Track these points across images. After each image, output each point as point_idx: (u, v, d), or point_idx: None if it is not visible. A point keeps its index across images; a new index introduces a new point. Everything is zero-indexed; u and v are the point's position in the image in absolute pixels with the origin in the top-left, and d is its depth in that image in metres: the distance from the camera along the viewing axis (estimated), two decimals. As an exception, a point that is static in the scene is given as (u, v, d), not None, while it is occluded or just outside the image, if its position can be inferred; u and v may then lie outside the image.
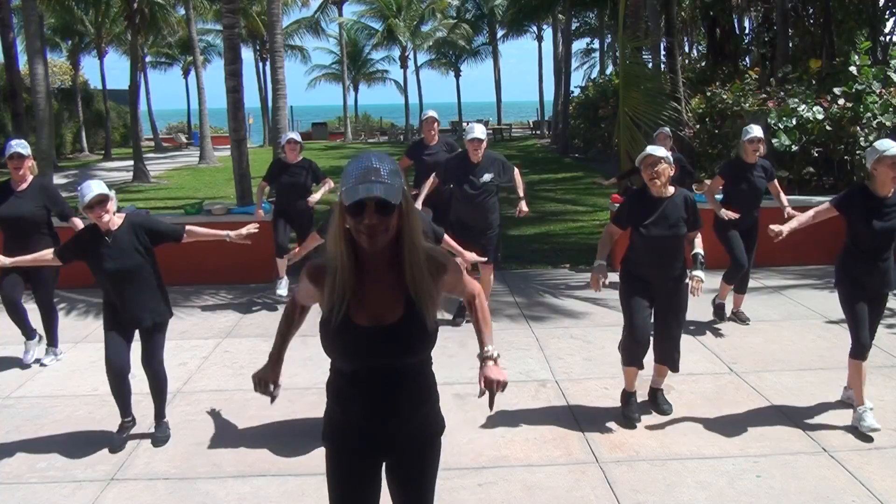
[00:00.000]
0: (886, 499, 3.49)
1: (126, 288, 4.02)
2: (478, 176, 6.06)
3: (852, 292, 4.22)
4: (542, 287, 7.74)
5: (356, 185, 1.90)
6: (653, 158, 4.10)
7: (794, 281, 7.45)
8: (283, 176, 7.07)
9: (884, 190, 4.06)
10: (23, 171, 5.29)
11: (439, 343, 2.24)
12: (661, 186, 4.15)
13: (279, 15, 11.48)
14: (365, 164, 1.93)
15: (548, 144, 30.99)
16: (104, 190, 3.93)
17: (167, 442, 4.23)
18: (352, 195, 1.90)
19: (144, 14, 20.87)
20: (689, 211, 4.18)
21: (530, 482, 3.74)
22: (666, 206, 4.16)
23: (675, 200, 4.18)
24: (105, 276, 4.00)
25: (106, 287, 4.07)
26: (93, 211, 3.90)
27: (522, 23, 32.48)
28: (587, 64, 44.52)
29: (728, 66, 15.86)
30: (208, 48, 38.15)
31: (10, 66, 11.95)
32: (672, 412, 4.49)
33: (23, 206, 5.28)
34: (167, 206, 14.29)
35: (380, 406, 2.13)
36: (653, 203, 4.18)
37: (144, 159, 20.88)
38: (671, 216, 4.15)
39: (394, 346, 2.06)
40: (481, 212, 6.12)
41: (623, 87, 8.63)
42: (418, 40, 39.18)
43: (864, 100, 9.68)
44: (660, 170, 4.10)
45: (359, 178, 1.91)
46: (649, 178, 4.15)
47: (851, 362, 4.24)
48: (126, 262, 3.99)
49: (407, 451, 2.24)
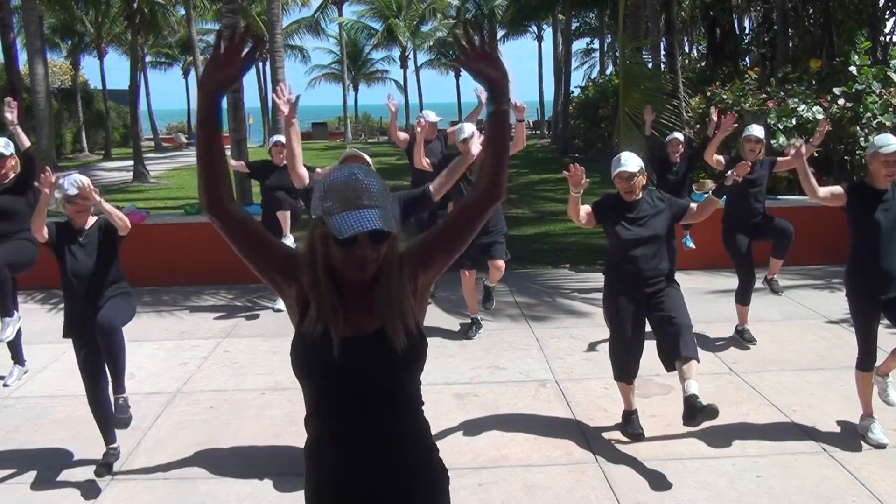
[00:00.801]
0: (886, 499, 3.49)
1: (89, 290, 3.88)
2: (475, 175, 6.02)
3: (861, 304, 4.05)
4: (542, 287, 7.74)
5: (346, 214, 1.62)
6: (627, 173, 4.07)
7: (794, 281, 7.45)
8: (270, 177, 7.02)
9: (879, 183, 4.01)
10: (5, 171, 5.29)
11: (439, 343, 2.23)
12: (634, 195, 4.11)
13: (279, 15, 11.49)
14: (351, 180, 1.66)
15: (548, 144, 30.99)
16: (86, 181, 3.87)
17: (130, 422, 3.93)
18: (343, 228, 1.60)
19: (144, 14, 20.89)
20: (662, 203, 4.13)
21: (530, 482, 3.74)
22: (639, 206, 4.11)
23: (644, 200, 4.12)
24: (69, 275, 3.89)
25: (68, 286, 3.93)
26: (74, 204, 3.85)
27: (522, 23, 32.46)
28: (587, 64, 44.55)
29: (728, 66, 15.86)
30: (208, 48, 38.14)
31: (10, 66, 11.97)
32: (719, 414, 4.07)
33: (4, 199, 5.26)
34: (167, 206, 14.29)
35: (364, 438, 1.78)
36: (626, 206, 4.13)
37: (144, 159, 20.89)
38: (644, 216, 4.09)
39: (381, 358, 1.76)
40: None
41: (623, 87, 8.63)
42: (418, 40, 39.22)
43: (864, 100, 9.67)
44: (635, 182, 4.06)
45: (347, 201, 1.63)
46: (624, 191, 4.10)
47: (857, 373, 4.13)
48: (95, 266, 3.89)
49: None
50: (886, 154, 3.90)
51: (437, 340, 5.90)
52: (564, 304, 7.11)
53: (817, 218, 8.09)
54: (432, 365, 5.32)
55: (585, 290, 7.58)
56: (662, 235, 4.11)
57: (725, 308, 6.59)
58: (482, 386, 5.06)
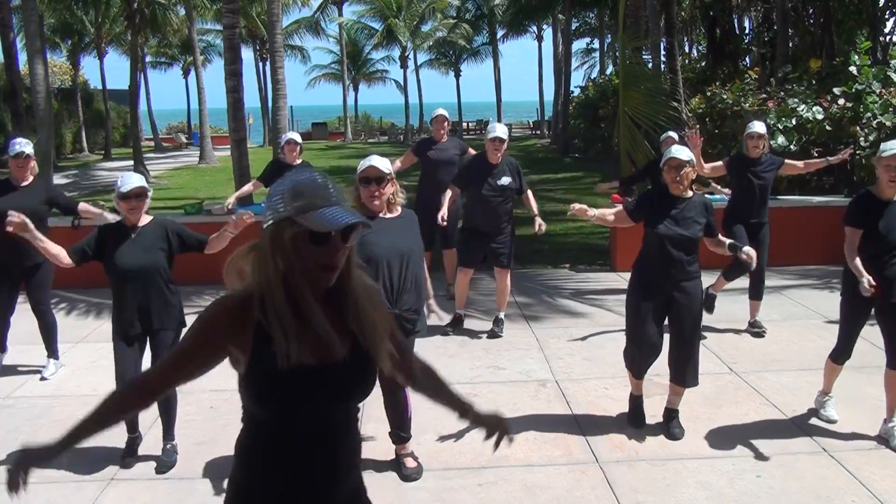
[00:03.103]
0: (886, 499, 3.49)
1: (139, 289, 3.86)
2: (496, 178, 5.88)
3: (853, 305, 4.15)
4: (542, 287, 7.74)
5: (328, 209, 1.60)
6: (677, 161, 4.06)
7: (794, 281, 7.45)
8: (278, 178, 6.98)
9: (884, 193, 4.00)
10: (27, 171, 5.32)
11: (439, 343, 2.23)
12: (684, 189, 4.10)
13: (279, 15, 11.49)
14: (317, 179, 1.65)
15: (548, 144, 30.99)
16: (145, 183, 3.91)
17: (172, 468, 3.97)
18: (332, 220, 1.58)
19: (144, 14, 20.89)
20: (707, 215, 4.13)
21: (530, 482, 3.74)
22: (686, 206, 4.10)
23: (694, 202, 4.12)
24: (119, 272, 3.85)
25: (118, 286, 3.91)
26: (128, 202, 3.85)
27: (522, 23, 32.48)
28: (587, 64, 44.63)
29: (728, 66, 15.86)
30: (208, 48, 38.17)
31: (10, 66, 11.96)
32: (683, 437, 4.24)
33: (27, 201, 5.28)
34: (167, 206, 14.27)
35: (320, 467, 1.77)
36: (672, 201, 4.12)
37: (144, 159, 20.91)
38: (689, 217, 4.08)
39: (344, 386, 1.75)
40: (496, 217, 5.94)
41: (623, 87, 8.63)
42: (418, 40, 39.18)
43: (864, 100, 9.68)
44: (684, 173, 4.05)
45: (323, 199, 1.61)
46: (672, 180, 4.09)
47: (829, 361, 4.36)
48: (146, 260, 3.86)
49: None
50: (887, 158, 3.92)
51: (437, 340, 5.90)
52: (564, 305, 7.11)
53: (817, 218, 8.12)
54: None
55: (585, 290, 7.58)
56: (699, 240, 4.15)
57: (726, 308, 6.60)
58: (482, 386, 5.06)
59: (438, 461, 3.99)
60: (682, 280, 4.13)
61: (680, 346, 4.20)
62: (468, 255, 6.13)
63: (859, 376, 4.98)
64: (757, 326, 6.12)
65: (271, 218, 1.64)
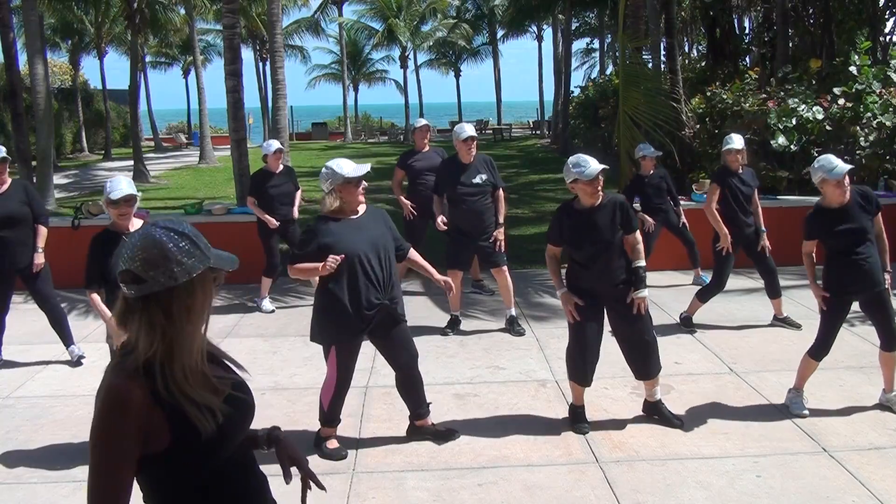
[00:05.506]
0: (886, 499, 3.49)
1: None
2: (471, 177, 6.00)
3: (835, 301, 4.32)
4: (542, 287, 7.74)
5: (208, 252, 1.62)
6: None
7: (794, 281, 7.44)
8: (267, 186, 6.99)
9: (835, 202, 4.23)
10: (4, 175, 5.38)
11: (439, 343, 2.23)
12: (591, 197, 4.06)
13: (279, 15, 11.50)
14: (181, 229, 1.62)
15: (548, 144, 30.98)
16: (134, 190, 3.92)
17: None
18: (226, 258, 1.67)
19: (144, 14, 20.88)
20: (620, 213, 4.08)
21: (530, 482, 3.74)
22: (595, 215, 4.07)
23: (604, 208, 4.07)
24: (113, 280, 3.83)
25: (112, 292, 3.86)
26: (118, 208, 3.86)
27: (522, 23, 32.48)
28: (587, 64, 44.61)
29: (728, 66, 15.83)
30: (208, 48, 38.16)
31: (10, 66, 11.97)
32: (683, 425, 4.32)
33: (9, 205, 5.35)
34: (167, 206, 14.29)
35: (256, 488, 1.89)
36: (580, 215, 4.11)
37: (144, 159, 20.90)
38: (601, 225, 4.05)
39: (248, 407, 1.83)
40: (477, 214, 6.03)
41: (623, 87, 8.62)
42: (418, 40, 39.20)
43: (864, 100, 9.68)
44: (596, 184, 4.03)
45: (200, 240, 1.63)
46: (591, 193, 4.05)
47: (807, 358, 4.45)
48: None
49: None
50: (838, 178, 4.12)
51: (436, 340, 5.91)
52: (564, 304, 7.10)
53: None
54: (432, 365, 5.34)
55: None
56: (620, 244, 4.13)
57: (727, 308, 6.60)
58: (482, 386, 5.06)
59: (438, 461, 3.99)
60: (613, 284, 4.14)
61: (631, 341, 4.23)
62: (456, 257, 6.17)
63: (859, 376, 4.99)
64: (787, 322, 6.23)
65: (201, 267, 1.59)
